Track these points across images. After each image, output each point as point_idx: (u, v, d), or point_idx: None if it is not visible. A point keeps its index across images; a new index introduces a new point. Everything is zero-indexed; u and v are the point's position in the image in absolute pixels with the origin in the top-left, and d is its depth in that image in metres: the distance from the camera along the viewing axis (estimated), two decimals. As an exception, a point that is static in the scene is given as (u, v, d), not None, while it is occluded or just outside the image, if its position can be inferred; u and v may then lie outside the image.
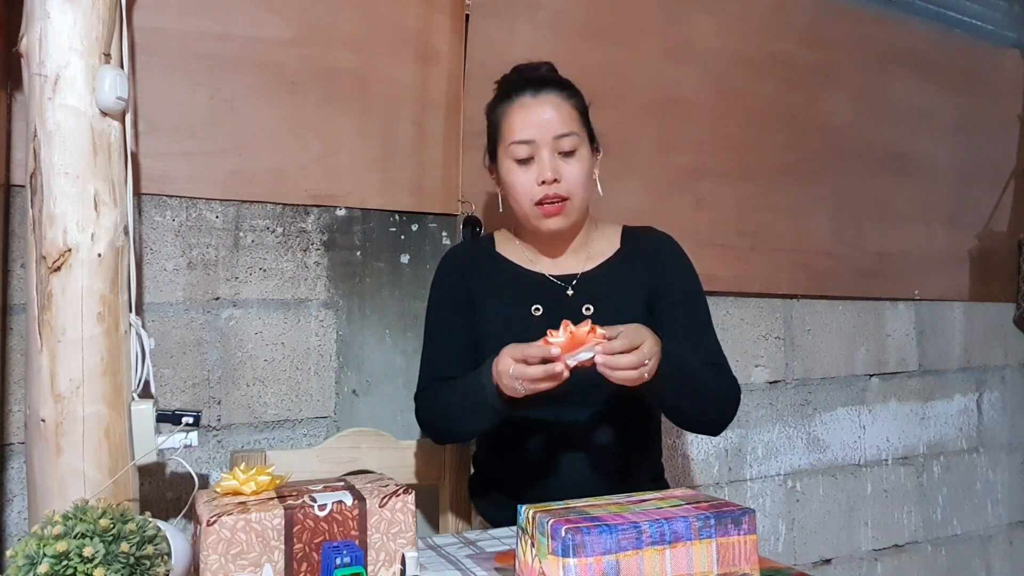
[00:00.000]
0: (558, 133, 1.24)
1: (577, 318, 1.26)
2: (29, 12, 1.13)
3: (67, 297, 1.11)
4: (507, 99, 1.29)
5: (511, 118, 1.27)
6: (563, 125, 1.25)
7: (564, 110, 1.26)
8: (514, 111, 1.26)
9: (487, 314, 1.32)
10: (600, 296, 1.30)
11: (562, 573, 0.85)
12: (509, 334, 1.28)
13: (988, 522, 2.49)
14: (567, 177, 1.25)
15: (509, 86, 1.31)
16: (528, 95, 1.26)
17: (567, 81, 1.32)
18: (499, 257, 1.37)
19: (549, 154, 1.24)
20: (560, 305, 1.30)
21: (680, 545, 0.91)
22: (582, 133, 1.28)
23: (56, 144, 1.11)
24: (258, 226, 1.48)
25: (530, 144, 1.25)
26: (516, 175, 1.27)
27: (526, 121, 1.25)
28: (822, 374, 2.17)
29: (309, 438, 1.51)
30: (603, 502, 0.97)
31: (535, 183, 1.25)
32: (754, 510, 0.98)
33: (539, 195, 1.25)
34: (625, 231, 1.39)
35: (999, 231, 2.53)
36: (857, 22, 2.20)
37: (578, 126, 1.27)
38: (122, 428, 1.15)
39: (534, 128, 1.25)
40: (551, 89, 1.27)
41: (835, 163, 2.16)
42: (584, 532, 0.86)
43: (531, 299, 1.31)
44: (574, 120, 1.27)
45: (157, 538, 0.88)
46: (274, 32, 1.47)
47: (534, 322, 1.29)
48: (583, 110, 1.30)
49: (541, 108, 1.25)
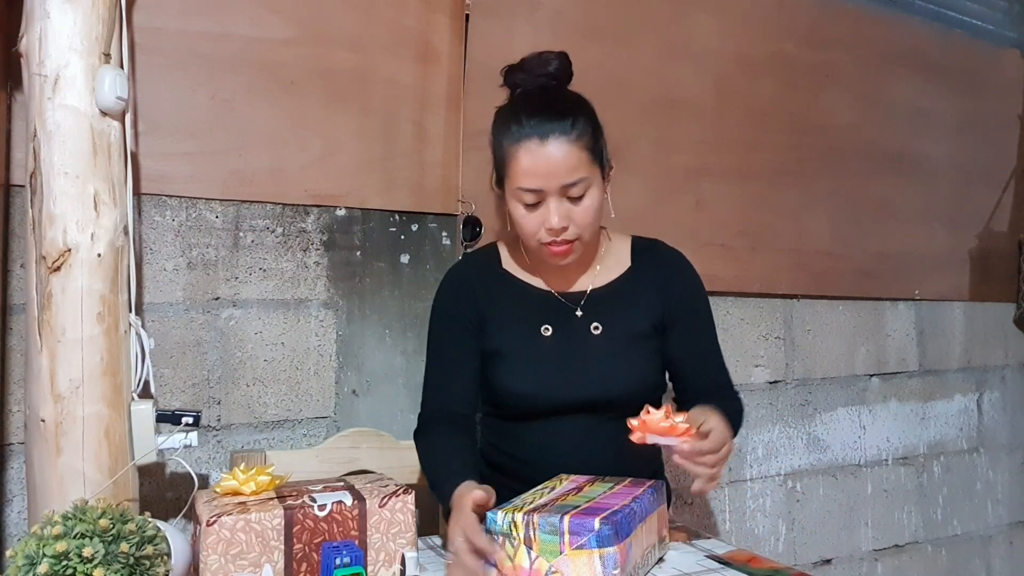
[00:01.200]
0: (565, 183, 1.18)
1: (586, 337, 1.27)
2: (29, 12, 1.13)
3: (67, 297, 1.11)
4: (513, 138, 1.20)
5: (518, 162, 1.19)
6: (570, 173, 1.18)
7: (572, 155, 1.18)
8: (520, 155, 1.19)
9: (498, 334, 1.30)
10: (609, 315, 1.30)
11: (599, 564, 0.86)
12: (521, 354, 1.29)
13: (988, 522, 2.49)
14: (576, 220, 1.20)
15: (516, 116, 1.21)
16: (535, 140, 1.17)
17: (574, 113, 1.20)
18: (506, 275, 1.35)
19: (557, 201, 1.19)
20: (569, 325, 1.29)
21: (650, 518, 1.02)
22: (592, 171, 1.20)
23: (56, 144, 1.11)
24: (258, 226, 1.48)
25: (537, 192, 1.19)
26: (523, 216, 1.22)
27: (532, 170, 1.18)
28: (822, 374, 2.17)
29: (309, 438, 1.51)
30: (552, 496, 1.00)
31: (542, 227, 1.21)
32: (664, 483, 1.14)
33: (546, 238, 1.21)
34: (635, 245, 1.37)
35: (999, 231, 2.53)
36: (857, 22, 2.20)
37: (587, 167, 1.19)
38: (122, 428, 1.15)
39: (541, 178, 1.18)
40: (559, 132, 1.17)
41: (835, 163, 2.16)
42: (618, 520, 0.88)
43: (540, 319, 1.30)
44: (583, 164, 1.19)
45: (157, 538, 0.88)
46: (274, 32, 1.47)
47: (544, 342, 1.29)
48: (592, 142, 1.21)
49: (548, 157, 1.17)
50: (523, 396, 1.27)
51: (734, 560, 1.09)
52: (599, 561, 0.87)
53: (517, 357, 1.28)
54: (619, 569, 0.87)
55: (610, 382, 1.26)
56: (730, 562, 1.08)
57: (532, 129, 1.18)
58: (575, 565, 0.87)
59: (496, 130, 1.25)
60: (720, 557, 1.10)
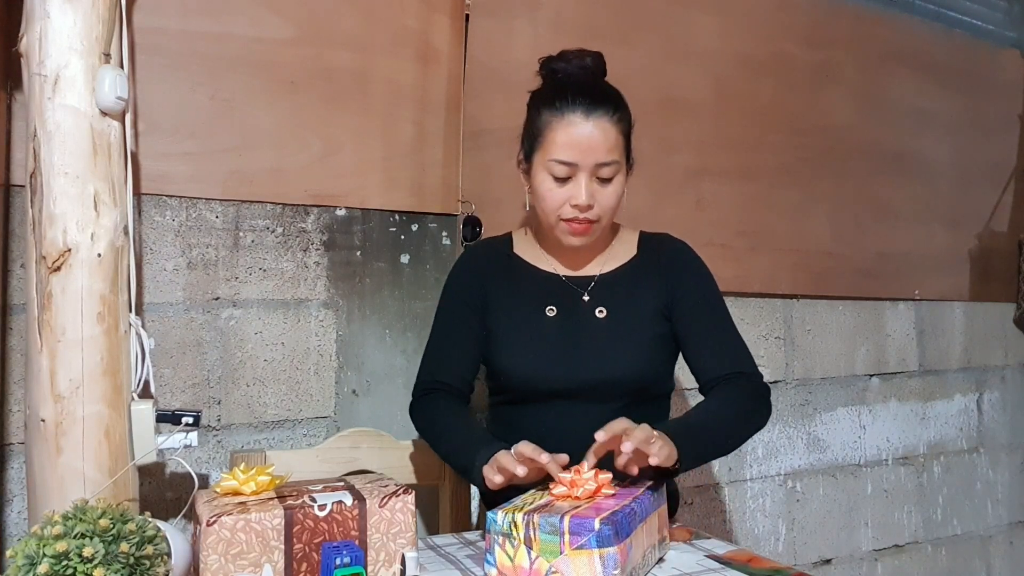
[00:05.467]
0: (601, 161, 1.21)
1: (590, 320, 1.27)
2: (29, 12, 1.13)
3: (67, 297, 1.11)
4: (556, 110, 1.22)
5: (556, 133, 1.22)
6: (607, 153, 1.21)
7: (611, 136, 1.22)
8: (561, 128, 1.21)
9: (501, 313, 1.32)
10: (615, 301, 1.30)
11: (599, 564, 0.86)
12: (522, 333, 1.29)
13: (988, 522, 2.49)
14: (601, 202, 1.23)
15: (561, 90, 1.24)
16: (580, 114, 1.21)
17: (618, 97, 1.26)
18: (516, 257, 1.37)
19: (587, 178, 1.21)
20: (575, 308, 1.30)
21: (650, 518, 1.02)
22: (622, 158, 1.24)
23: (56, 144, 1.11)
24: (258, 226, 1.48)
25: (571, 166, 1.22)
26: (550, 189, 1.24)
27: (571, 142, 1.20)
28: (822, 374, 2.17)
29: (309, 438, 1.51)
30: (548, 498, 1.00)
31: (568, 202, 1.23)
32: (664, 483, 1.13)
33: (569, 215, 1.24)
34: (642, 237, 1.38)
35: (999, 231, 2.53)
36: (857, 22, 2.20)
37: (620, 151, 1.23)
38: (122, 428, 1.15)
39: (578, 152, 1.20)
40: (603, 111, 1.21)
41: (835, 163, 2.16)
42: (618, 520, 0.88)
43: (546, 300, 1.31)
44: (618, 147, 1.23)
45: (157, 538, 0.88)
46: (274, 32, 1.47)
47: (547, 322, 1.29)
48: (627, 131, 1.26)
49: (590, 132, 1.20)
50: (523, 375, 1.28)
51: (734, 560, 1.09)
52: (599, 561, 0.87)
53: (519, 336, 1.29)
54: (619, 569, 0.87)
55: (611, 364, 1.26)
56: (730, 562, 1.08)
57: (578, 104, 1.21)
58: (575, 565, 0.87)
59: (536, 103, 1.27)
60: (720, 557, 1.10)
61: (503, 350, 1.30)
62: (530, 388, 1.28)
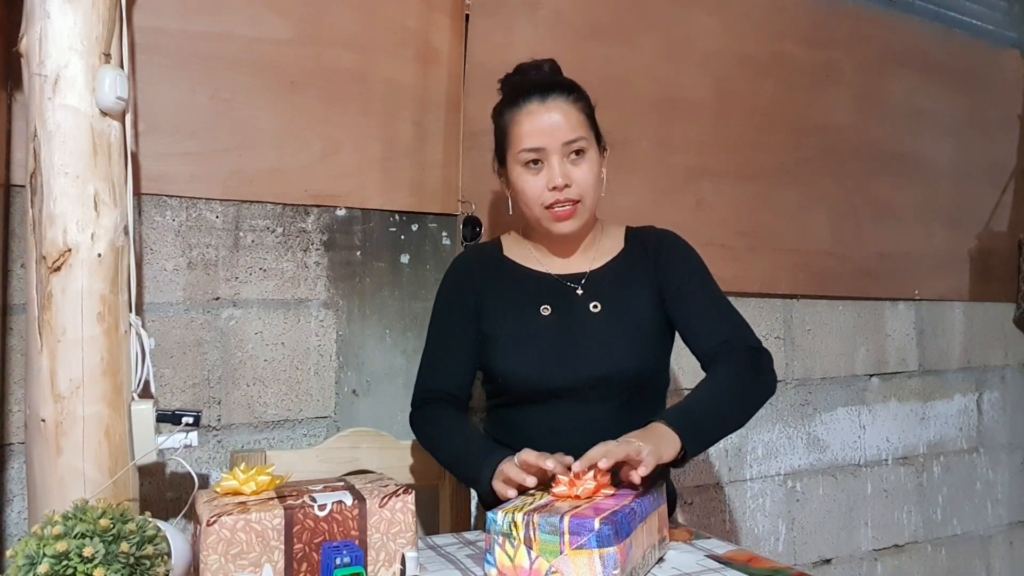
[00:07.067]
0: (567, 139, 1.25)
1: (585, 315, 1.28)
2: (29, 12, 1.13)
3: (67, 297, 1.11)
4: (514, 105, 1.28)
5: (519, 125, 1.26)
6: (572, 131, 1.25)
7: (572, 115, 1.26)
8: (522, 118, 1.26)
9: (496, 316, 1.32)
10: (608, 294, 1.31)
11: (599, 564, 0.86)
12: (519, 334, 1.29)
13: (988, 522, 2.49)
14: (577, 180, 1.26)
15: (515, 91, 1.30)
16: (535, 102, 1.26)
17: (572, 83, 1.31)
18: (507, 260, 1.37)
19: (559, 159, 1.25)
20: (569, 305, 1.30)
21: (650, 518, 1.03)
22: (590, 136, 1.28)
23: (56, 144, 1.11)
24: (258, 226, 1.48)
25: (539, 151, 1.25)
26: (527, 181, 1.27)
27: (535, 129, 1.25)
28: (822, 374, 2.17)
29: (309, 438, 1.51)
30: (548, 497, 1.00)
31: (546, 188, 1.25)
32: (664, 482, 1.14)
33: (550, 200, 1.26)
34: (629, 231, 1.40)
35: (999, 231, 2.53)
36: (857, 22, 2.20)
37: (586, 129, 1.27)
38: (122, 428, 1.15)
39: (543, 136, 1.25)
40: (558, 94, 1.26)
41: (835, 163, 2.16)
42: (618, 520, 0.88)
43: (540, 299, 1.31)
44: (582, 124, 1.27)
45: (157, 538, 0.88)
46: (274, 32, 1.47)
47: (543, 322, 1.29)
48: (589, 111, 1.30)
49: (549, 114, 1.25)
50: (524, 376, 1.28)
51: (734, 560, 1.09)
52: (599, 561, 0.87)
53: (515, 337, 1.29)
54: (619, 569, 0.87)
55: (608, 359, 1.26)
56: (730, 562, 1.08)
57: (534, 93, 1.27)
58: (575, 565, 0.87)
59: (498, 109, 1.33)
60: (720, 557, 1.10)
61: (501, 353, 1.30)
62: (530, 389, 1.28)
